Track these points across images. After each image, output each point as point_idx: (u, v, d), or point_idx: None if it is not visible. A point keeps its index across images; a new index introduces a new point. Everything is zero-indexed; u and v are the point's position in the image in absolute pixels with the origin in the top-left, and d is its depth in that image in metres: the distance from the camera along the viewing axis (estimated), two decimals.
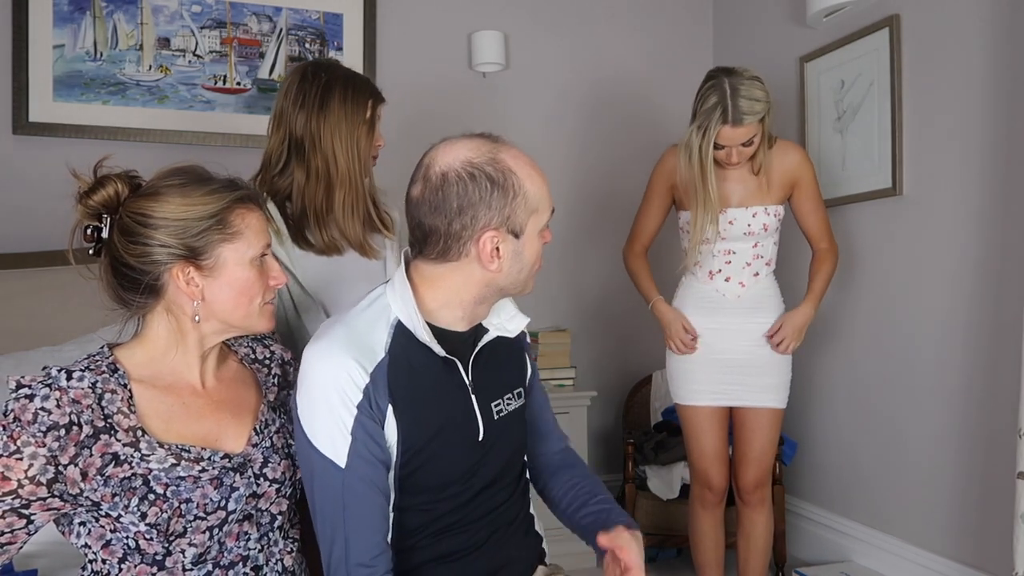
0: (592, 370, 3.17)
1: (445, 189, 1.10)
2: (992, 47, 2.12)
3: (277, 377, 1.29)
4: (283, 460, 1.18)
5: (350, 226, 1.61)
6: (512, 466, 1.29)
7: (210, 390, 1.18)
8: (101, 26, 2.61)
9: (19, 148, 2.49)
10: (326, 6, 2.85)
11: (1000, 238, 2.11)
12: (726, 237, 2.07)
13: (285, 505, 1.18)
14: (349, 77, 1.64)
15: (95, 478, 1.02)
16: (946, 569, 2.25)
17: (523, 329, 1.33)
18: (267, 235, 1.17)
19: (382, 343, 1.14)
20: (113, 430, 1.05)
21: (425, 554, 1.19)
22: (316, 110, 1.58)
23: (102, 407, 1.05)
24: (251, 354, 1.29)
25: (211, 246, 1.11)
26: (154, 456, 1.06)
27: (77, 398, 1.03)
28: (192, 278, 1.11)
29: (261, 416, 1.20)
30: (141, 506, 1.03)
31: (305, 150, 1.59)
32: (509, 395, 1.27)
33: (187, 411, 1.13)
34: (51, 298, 2.10)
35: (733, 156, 1.99)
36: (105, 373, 1.08)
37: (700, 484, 2.18)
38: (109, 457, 1.03)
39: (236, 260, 1.12)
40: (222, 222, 1.11)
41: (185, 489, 1.05)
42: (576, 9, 3.20)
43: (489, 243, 1.11)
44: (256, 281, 1.15)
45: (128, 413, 1.07)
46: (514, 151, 1.14)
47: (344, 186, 1.60)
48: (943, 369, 2.27)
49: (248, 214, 1.14)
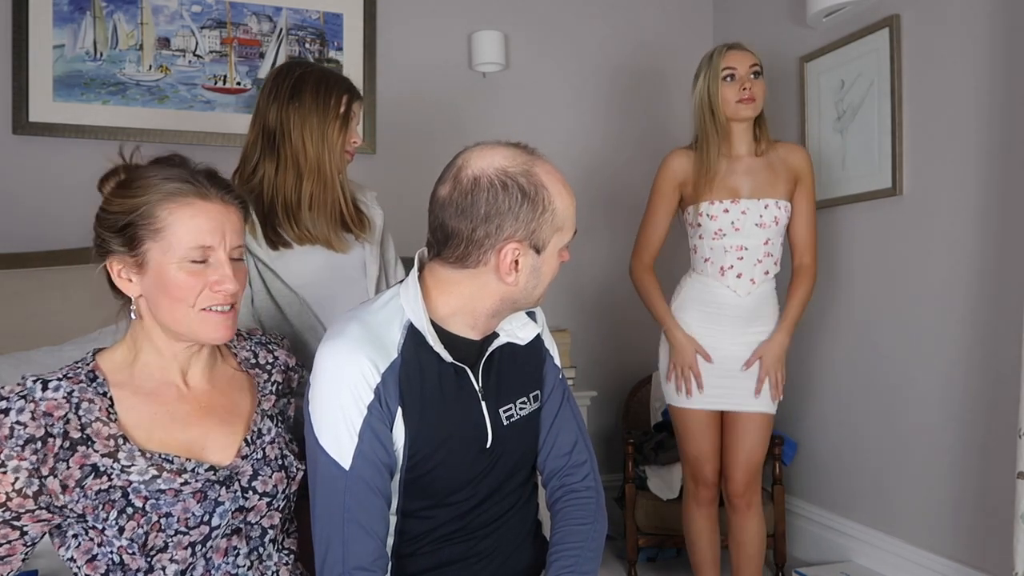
0: (592, 370, 3.17)
1: (475, 194, 1.07)
2: (992, 47, 2.12)
3: (277, 385, 1.23)
4: (276, 472, 1.12)
5: (316, 218, 1.58)
6: (519, 470, 1.27)
7: (198, 394, 1.12)
8: (101, 26, 2.61)
9: (19, 148, 2.49)
10: (326, 6, 2.85)
11: (1000, 238, 2.11)
12: (739, 229, 2.06)
13: (278, 518, 1.14)
14: (325, 72, 1.63)
15: (75, 490, 0.99)
16: (946, 569, 2.25)
17: (542, 338, 1.30)
18: (207, 235, 1.06)
19: (395, 343, 1.12)
20: (91, 441, 1.01)
21: (426, 561, 1.18)
22: (287, 100, 1.57)
23: (79, 416, 1.02)
24: (251, 358, 1.23)
25: (137, 241, 1.06)
26: (134, 467, 1.02)
27: (49, 410, 1.00)
28: (121, 273, 1.08)
29: (254, 426, 1.15)
30: (119, 519, 1.00)
31: (275, 141, 1.58)
32: (523, 399, 1.25)
33: (172, 418, 1.08)
34: (51, 298, 2.10)
35: (746, 84, 2.03)
36: (83, 382, 1.04)
37: (693, 480, 2.18)
38: (88, 469, 1.00)
39: (163, 260, 1.05)
40: (146, 216, 1.05)
41: (165, 503, 1.01)
42: (576, 10, 3.20)
43: (510, 255, 1.09)
44: (186, 285, 1.05)
45: (107, 421, 1.03)
46: (548, 166, 1.12)
47: (312, 176, 1.57)
48: (943, 369, 2.27)
49: (180, 209, 1.05)
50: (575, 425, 1.32)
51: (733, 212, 2.06)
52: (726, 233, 2.07)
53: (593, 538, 1.26)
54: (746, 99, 2.04)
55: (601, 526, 1.28)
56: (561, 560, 1.22)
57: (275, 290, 1.57)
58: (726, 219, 2.07)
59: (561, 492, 1.29)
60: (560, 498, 1.29)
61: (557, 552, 1.23)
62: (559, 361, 1.34)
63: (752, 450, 2.11)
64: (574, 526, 1.26)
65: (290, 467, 1.14)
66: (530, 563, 1.29)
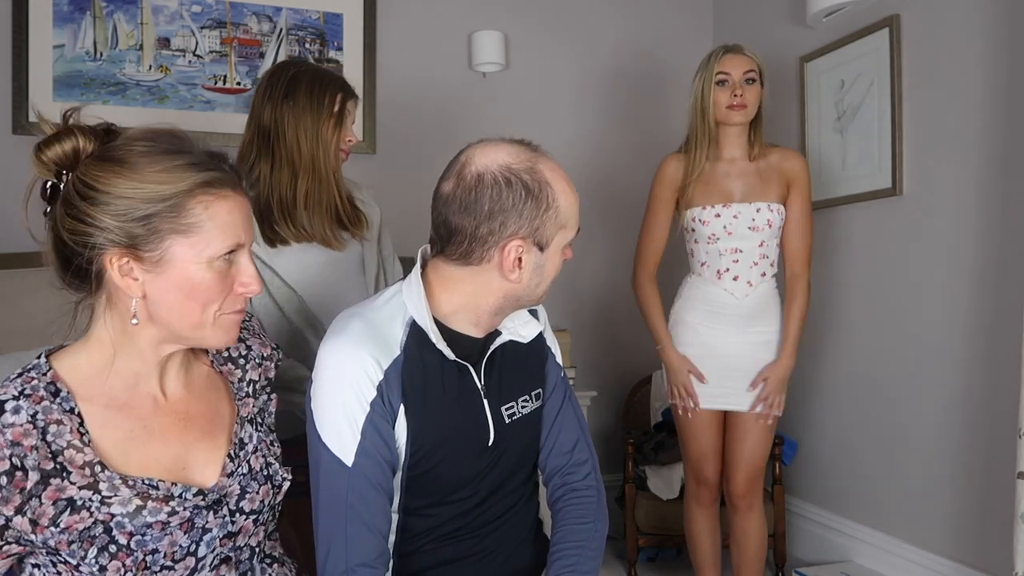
0: (592, 370, 3.17)
1: (479, 190, 1.07)
2: (992, 47, 2.12)
3: (253, 384, 1.11)
4: (262, 486, 1.03)
5: (312, 216, 1.59)
6: (521, 468, 1.27)
7: (175, 403, 0.99)
8: (101, 26, 2.61)
9: (19, 148, 2.49)
10: (326, 6, 2.85)
11: (1000, 238, 2.11)
12: (732, 232, 2.07)
13: (263, 532, 1.07)
14: (319, 71, 1.64)
15: (48, 528, 0.86)
16: (946, 569, 2.25)
17: (544, 337, 1.30)
18: (241, 231, 0.95)
19: (398, 340, 1.12)
20: (65, 471, 0.87)
21: (428, 559, 1.18)
22: (281, 99, 1.58)
23: (48, 443, 0.86)
24: (223, 351, 1.09)
25: (158, 236, 0.90)
26: (116, 498, 0.88)
27: (16, 439, 0.85)
28: (130, 270, 0.91)
29: (235, 437, 1.03)
30: (100, 558, 0.87)
31: (270, 140, 1.58)
32: (525, 397, 1.25)
33: (149, 435, 0.95)
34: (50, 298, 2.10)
35: (737, 91, 2.03)
36: (45, 399, 0.88)
37: (695, 480, 2.18)
38: (63, 504, 0.86)
39: (189, 257, 0.91)
40: (175, 209, 0.90)
41: (152, 539, 0.89)
42: (576, 10, 3.20)
43: (513, 252, 1.09)
44: (213, 286, 0.93)
45: (81, 447, 0.88)
46: (552, 163, 1.12)
47: (307, 175, 1.58)
48: (943, 369, 2.27)
49: (216, 202, 0.92)
50: (576, 424, 1.32)
51: (725, 216, 2.07)
52: (720, 237, 2.07)
53: (594, 537, 1.26)
54: (736, 105, 2.04)
55: (602, 525, 1.28)
56: (562, 559, 1.22)
57: (274, 288, 1.57)
58: (719, 223, 2.07)
59: (562, 491, 1.29)
60: (561, 497, 1.29)
61: (558, 551, 1.23)
62: (561, 360, 1.34)
63: (754, 451, 2.10)
64: (575, 525, 1.26)
65: (275, 476, 1.06)
66: (531, 562, 1.29)
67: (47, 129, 0.93)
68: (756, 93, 2.07)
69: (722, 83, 2.06)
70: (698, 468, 2.16)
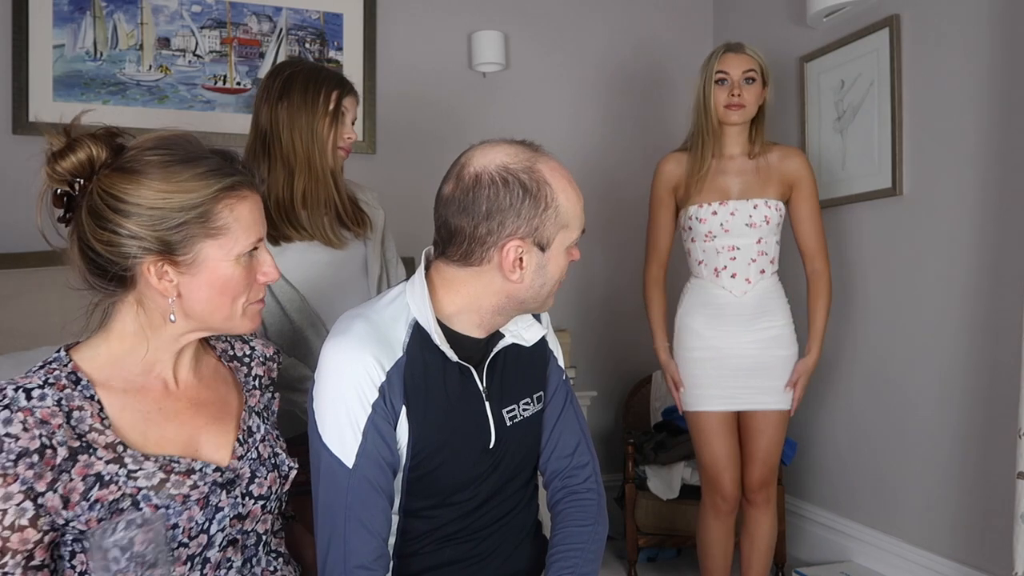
0: (592, 370, 3.17)
1: (476, 191, 1.07)
2: (992, 47, 2.12)
3: (259, 379, 1.17)
4: (270, 473, 1.07)
5: (312, 215, 1.59)
6: (522, 471, 1.27)
7: (186, 389, 1.05)
8: (101, 26, 2.61)
9: (19, 148, 2.49)
10: (326, 6, 2.85)
11: (999, 237, 2.11)
12: (729, 230, 2.07)
13: (271, 521, 1.10)
14: (314, 69, 1.64)
15: (79, 503, 0.90)
16: (946, 569, 2.25)
17: (546, 340, 1.30)
18: (259, 226, 1.03)
19: (401, 341, 1.12)
20: (91, 448, 0.92)
21: (428, 561, 1.18)
22: (276, 100, 1.58)
23: (72, 426, 0.92)
24: (229, 350, 1.17)
25: (190, 241, 0.96)
26: (142, 472, 0.94)
27: (45, 418, 0.90)
28: (166, 273, 0.97)
29: (243, 424, 1.09)
30: None
31: (268, 141, 1.59)
32: (527, 400, 1.25)
33: (163, 416, 1.01)
34: (51, 298, 2.10)
35: (736, 90, 2.04)
36: (67, 387, 0.94)
37: (712, 492, 2.13)
38: (92, 479, 0.91)
39: (219, 257, 0.98)
40: (205, 215, 0.96)
41: (173, 512, 0.94)
42: (576, 10, 3.20)
43: (513, 252, 1.08)
44: (241, 279, 1.01)
45: (103, 429, 0.94)
46: (553, 163, 1.11)
47: (303, 173, 1.58)
48: (943, 369, 2.27)
49: (239, 204, 1.00)
50: (578, 427, 1.31)
51: (722, 214, 2.07)
52: (716, 235, 2.08)
53: (594, 540, 1.25)
54: (734, 105, 2.04)
55: (602, 528, 1.28)
56: (561, 561, 1.22)
57: (276, 287, 1.57)
58: (715, 221, 2.07)
59: (563, 493, 1.29)
60: (561, 499, 1.29)
61: (557, 553, 1.23)
62: (563, 363, 1.34)
63: (769, 447, 2.10)
64: (575, 528, 1.25)
65: (282, 465, 1.10)
66: (529, 563, 1.29)
67: (54, 142, 0.97)
68: (755, 92, 2.07)
69: (721, 82, 2.06)
70: (714, 477, 2.11)
